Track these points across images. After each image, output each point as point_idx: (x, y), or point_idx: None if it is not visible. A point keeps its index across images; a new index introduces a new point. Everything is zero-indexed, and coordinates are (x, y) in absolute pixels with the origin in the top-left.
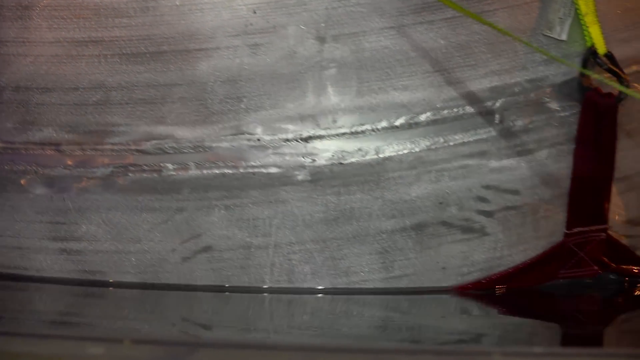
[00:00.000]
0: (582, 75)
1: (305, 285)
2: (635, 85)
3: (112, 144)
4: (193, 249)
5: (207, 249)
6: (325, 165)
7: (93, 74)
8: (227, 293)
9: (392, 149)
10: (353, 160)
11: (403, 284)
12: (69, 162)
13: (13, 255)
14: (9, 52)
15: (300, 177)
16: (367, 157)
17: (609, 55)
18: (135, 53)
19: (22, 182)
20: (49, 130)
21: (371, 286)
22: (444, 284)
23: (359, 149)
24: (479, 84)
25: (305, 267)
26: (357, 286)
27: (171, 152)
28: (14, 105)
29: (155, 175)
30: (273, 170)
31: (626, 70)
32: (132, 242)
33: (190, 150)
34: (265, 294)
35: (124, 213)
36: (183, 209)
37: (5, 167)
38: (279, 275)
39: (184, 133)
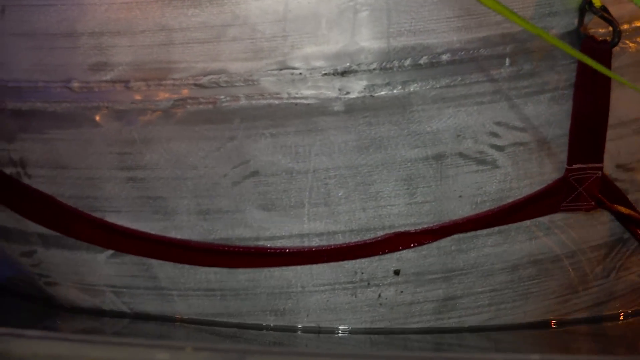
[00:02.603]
0: (580, 25)
1: (340, 207)
2: (626, 41)
3: (173, 79)
4: (242, 174)
5: (254, 173)
6: (357, 97)
7: (158, 18)
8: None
9: (416, 84)
10: (382, 93)
11: (425, 210)
12: (136, 97)
13: (86, 184)
14: (84, 2)
15: (336, 108)
16: (395, 91)
17: (604, 8)
18: None
19: (97, 117)
20: (119, 69)
21: (395, 211)
22: (460, 212)
23: (388, 83)
24: (493, 30)
25: (340, 191)
26: (384, 211)
27: (224, 85)
28: (89, 49)
29: (210, 106)
30: (312, 101)
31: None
32: (190, 169)
33: (241, 84)
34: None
35: (182, 142)
36: (234, 137)
37: (82, 104)
38: (316, 198)
39: (236, 68)
